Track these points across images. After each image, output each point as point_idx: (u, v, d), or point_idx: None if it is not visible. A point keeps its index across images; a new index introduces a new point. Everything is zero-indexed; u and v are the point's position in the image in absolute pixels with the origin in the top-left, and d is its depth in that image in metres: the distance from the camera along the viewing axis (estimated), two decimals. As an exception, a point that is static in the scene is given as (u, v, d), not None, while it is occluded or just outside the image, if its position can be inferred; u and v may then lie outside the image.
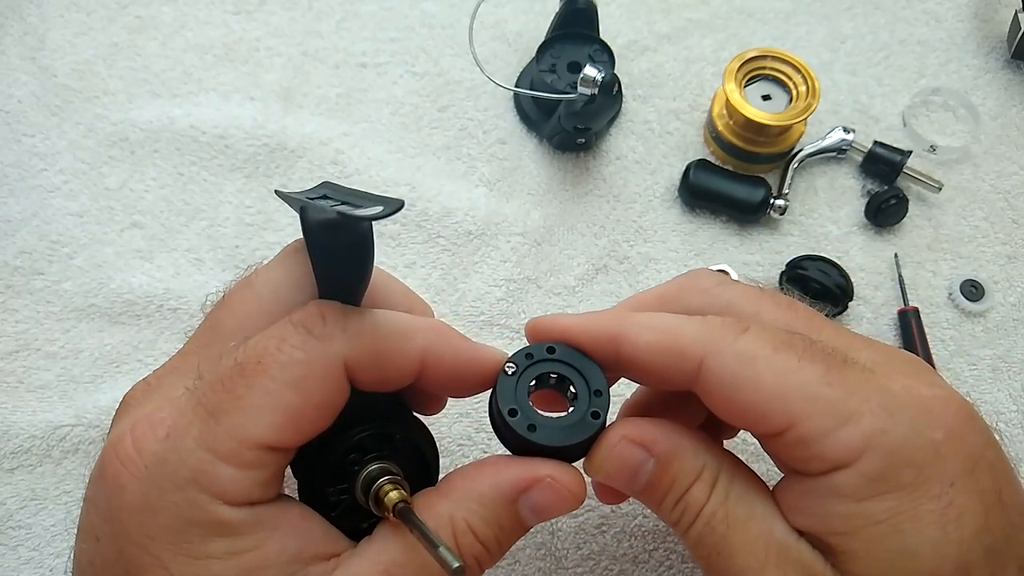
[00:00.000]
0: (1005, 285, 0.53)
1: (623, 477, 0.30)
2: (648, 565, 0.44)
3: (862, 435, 0.27)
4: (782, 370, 0.28)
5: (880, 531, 0.27)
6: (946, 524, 0.26)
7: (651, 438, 0.30)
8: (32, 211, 0.52)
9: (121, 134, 0.55)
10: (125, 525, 0.26)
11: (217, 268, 0.52)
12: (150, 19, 0.59)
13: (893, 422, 0.27)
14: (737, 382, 0.28)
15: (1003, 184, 0.56)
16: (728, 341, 0.29)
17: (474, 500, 0.29)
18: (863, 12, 0.62)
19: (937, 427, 0.27)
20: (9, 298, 0.50)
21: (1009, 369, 0.51)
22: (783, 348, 0.29)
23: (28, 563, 0.44)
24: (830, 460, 0.27)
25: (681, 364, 0.29)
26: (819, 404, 0.28)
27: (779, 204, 0.53)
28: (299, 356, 0.27)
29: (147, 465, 0.26)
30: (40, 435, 0.46)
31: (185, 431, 0.26)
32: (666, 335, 0.30)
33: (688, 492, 0.30)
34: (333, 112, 0.57)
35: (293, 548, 0.27)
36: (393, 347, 0.29)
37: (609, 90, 0.48)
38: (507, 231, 0.53)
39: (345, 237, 0.28)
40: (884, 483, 0.27)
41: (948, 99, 0.59)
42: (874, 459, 0.27)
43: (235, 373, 0.27)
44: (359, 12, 0.60)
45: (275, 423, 0.27)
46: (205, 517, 0.26)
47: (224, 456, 0.26)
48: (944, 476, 0.27)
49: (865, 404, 0.27)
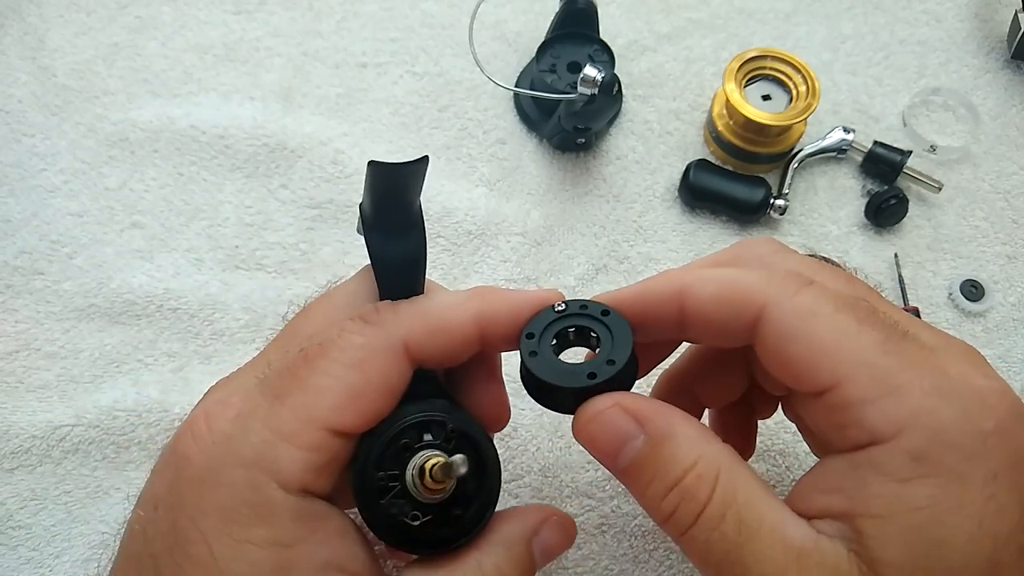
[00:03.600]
0: (1005, 285, 0.53)
1: (607, 446, 0.29)
2: (648, 565, 0.44)
3: (908, 409, 0.26)
4: (840, 329, 0.28)
5: (918, 519, 0.26)
6: (984, 518, 0.25)
7: (647, 414, 0.29)
8: (32, 211, 0.52)
9: (121, 134, 0.55)
10: (183, 497, 0.28)
11: (217, 268, 0.52)
12: (150, 19, 0.59)
13: (943, 403, 0.26)
14: (793, 332, 0.28)
15: (1003, 184, 0.56)
16: (790, 293, 0.29)
17: (500, 545, 0.30)
18: (863, 12, 0.62)
19: (988, 417, 0.26)
20: (9, 298, 0.50)
21: (1009, 369, 0.51)
22: (844, 309, 0.28)
23: (28, 563, 0.44)
24: (869, 429, 0.26)
25: (742, 313, 0.29)
26: (870, 370, 0.27)
27: (779, 204, 0.53)
28: (358, 340, 0.29)
29: (215, 441, 0.28)
30: (40, 435, 0.46)
31: (252, 412, 0.28)
32: (729, 286, 0.30)
33: (683, 483, 0.28)
34: (333, 112, 0.57)
35: (324, 556, 0.28)
36: (446, 317, 0.31)
37: (609, 90, 0.48)
38: (507, 231, 0.53)
39: (397, 221, 0.31)
40: (926, 464, 0.26)
41: (948, 99, 0.59)
42: (918, 437, 0.26)
43: (300, 360, 0.29)
44: (359, 12, 0.60)
45: (336, 402, 0.28)
46: (258, 498, 0.27)
47: (287, 436, 0.27)
48: (989, 468, 0.26)
49: (917, 380, 0.27)
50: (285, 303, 0.50)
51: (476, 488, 0.30)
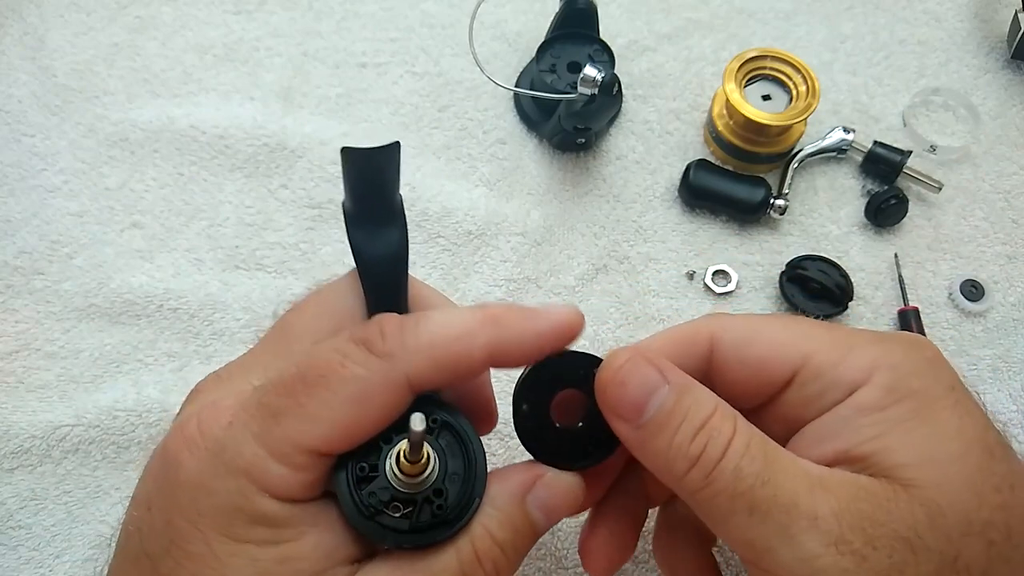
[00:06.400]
0: (1005, 285, 0.53)
1: (637, 396, 0.29)
2: (648, 565, 0.44)
3: (870, 357, 0.30)
4: (784, 323, 0.33)
5: (908, 425, 0.29)
6: (961, 416, 0.29)
7: (666, 366, 0.30)
8: (32, 211, 0.52)
9: (121, 134, 0.55)
10: (178, 499, 0.28)
11: (217, 268, 0.52)
12: (150, 19, 0.59)
13: (889, 348, 0.31)
14: (748, 339, 0.32)
15: (1003, 184, 0.56)
16: (728, 317, 0.34)
17: (487, 504, 0.29)
18: (863, 12, 0.62)
19: (926, 350, 0.32)
20: (9, 298, 0.50)
21: (1009, 369, 0.51)
22: (780, 315, 0.33)
23: (28, 563, 0.44)
24: (847, 383, 0.30)
25: (692, 350, 0.33)
26: (824, 341, 0.32)
27: (779, 204, 0.53)
28: (360, 373, 0.28)
29: (207, 448, 0.28)
30: (40, 435, 0.46)
31: (246, 424, 0.28)
32: (675, 338, 0.33)
33: (710, 423, 0.29)
34: (333, 112, 0.57)
35: (328, 545, 0.28)
36: (455, 349, 0.29)
37: (609, 90, 0.48)
38: (507, 231, 0.53)
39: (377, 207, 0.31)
40: (898, 392, 0.30)
41: (948, 99, 0.59)
42: (885, 374, 0.30)
43: (298, 380, 0.28)
44: (359, 12, 0.60)
45: (330, 434, 0.28)
46: (250, 507, 0.27)
47: (277, 456, 0.27)
48: (943, 383, 0.30)
49: (862, 337, 0.32)
50: (285, 303, 0.50)
51: (462, 480, 0.29)
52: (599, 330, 0.51)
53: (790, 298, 0.51)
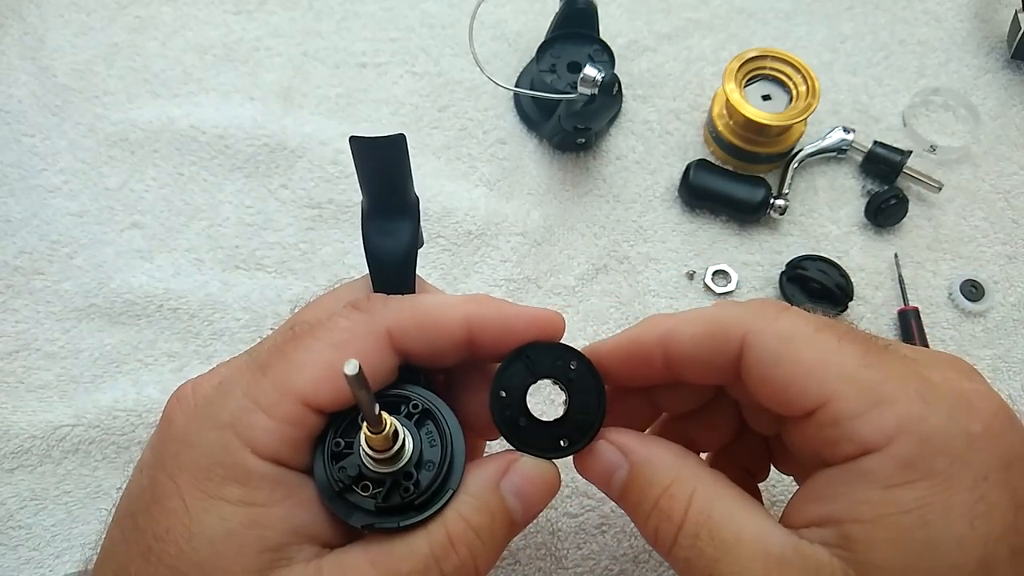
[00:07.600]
0: (1005, 285, 0.53)
1: (600, 476, 0.32)
2: (648, 565, 0.44)
3: (896, 419, 0.26)
4: (821, 349, 0.28)
5: (906, 521, 0.26)
6: (975, 519, 0.26)
7: (630, 445, 0.31)
8: (32, 211, 0.52)
9: (121, 134, 0.55)
10: (163, 455, 0.29)
11: (217, 268, 0.52)
12: (150, 19, 0.59)
13: (930, 410, 0.27)
14: (776, 356, 0.29)
15: (1003, 184, 0.56)
16: (769, 320, 0.29)
17: (462, 491, 0.30)
18: (863, 12, 0.62)
19: (975, 420, 0.27)
20: (9, 298, 0.50)
21: (1009, 369, 0.51)
22: (824, 328, 0.29)
23: (28, 563, 0.44)
24: (860, 442, 0.27)
25: (725, 346, 0.30)
26: (855, 384, 0.27)
27: (779, 204, 0.53)
28: (344, 323, 0.30)
29: (196, 404, 0.29)
30: (40, 435, 0.46)
31: (235, 381, 0.29)
32: (709, 322, 0.31)
33: (658, 504, 0.29)
34: (333, 112, 0.57)
35: (296, 520, 0.28)
36: (436, 315, 0.31)
37: (609, 90, 0.48)
38: (507, 231, 0.53)
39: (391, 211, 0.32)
40: (915, 470, 0.26)
41: (948, 99, 0.59)
42: (907, 444, 0.26)
43: (288, 336, 0.30)
44: (359, 12, 0.60)
45: (314, 377, 0.28)
46: (231, 461, 0.27)
47: (265, 407, 0.28)
48: (978, 469, 0.26)
49: (902, 389, 0.27)
50: (285, 303, 0.50)
51: (436, 468, 0.29)
52: (599, 330, 0.51)
53: (790, 298, 0.51)
